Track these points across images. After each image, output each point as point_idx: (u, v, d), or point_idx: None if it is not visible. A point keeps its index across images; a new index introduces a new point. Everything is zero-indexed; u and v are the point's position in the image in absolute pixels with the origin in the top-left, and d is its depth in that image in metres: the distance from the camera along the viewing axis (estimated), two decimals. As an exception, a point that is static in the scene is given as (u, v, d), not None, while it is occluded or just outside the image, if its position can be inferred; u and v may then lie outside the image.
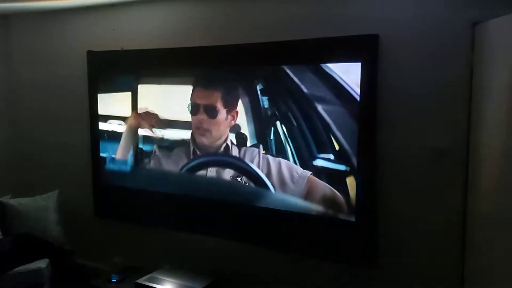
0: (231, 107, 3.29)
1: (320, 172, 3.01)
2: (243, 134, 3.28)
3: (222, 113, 3.30)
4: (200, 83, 3.41)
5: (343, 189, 2.95)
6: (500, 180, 2.26)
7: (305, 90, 3.02)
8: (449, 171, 2.71)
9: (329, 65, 2.93)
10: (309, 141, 3.03)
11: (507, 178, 2.17)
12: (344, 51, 2.90)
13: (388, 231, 2.90)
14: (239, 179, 3.32)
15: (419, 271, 2.84)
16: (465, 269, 2.69)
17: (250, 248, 3.39)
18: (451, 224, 2.72)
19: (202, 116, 3.35)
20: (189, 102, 3.41)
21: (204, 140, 3.39)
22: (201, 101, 3.37)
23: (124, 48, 3.74)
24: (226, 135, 3.32)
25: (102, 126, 3.92)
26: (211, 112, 3.32)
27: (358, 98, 2.83)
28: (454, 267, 2.73)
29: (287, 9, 3.11)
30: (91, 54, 3.93)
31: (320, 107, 2.96)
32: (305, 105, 3.03)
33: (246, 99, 3.24)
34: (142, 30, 3.70)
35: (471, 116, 2.60)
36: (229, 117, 3.30)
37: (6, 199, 3.97)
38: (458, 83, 2.63)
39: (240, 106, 3.26)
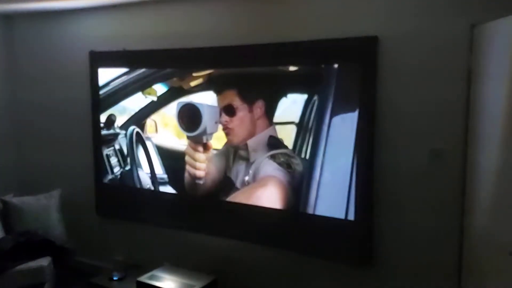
0: (251, 100, 3.26)
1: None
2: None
3: (242, 109, 3.30)
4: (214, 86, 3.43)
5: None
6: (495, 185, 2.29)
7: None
8: (448, 173, 2.72)
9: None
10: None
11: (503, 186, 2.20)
12: (343, 52, 2.93)
13: (387, 231, 2.92)
14: (246, 178, 3.34)
15: (416, 271, 2.86)
16: (462, 269, 2.70)
17: (250, 246, 3.41)
18: (449, 225, 2.74)
19: (224, 117, 3.36)
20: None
21: (232, 139, 3.38)
22: (221, 103, 3.38)
23: (126, 49, 3.76)
24: (261, 131, 3.25)
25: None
26: (229, 111, 3.33)
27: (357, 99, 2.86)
28: (451, 267, 2.74)
29: (284, 10, 3.14)
30: (93, 54, 3.96)
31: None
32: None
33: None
34: (144, 30, 3.72)
35: (469, 119, 2.60)
36: (254, 110, 3.25)
37: (9, 198, 3.98)
38: (456, 84, 2.64)
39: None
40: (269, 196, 3.24)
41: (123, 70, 3.82)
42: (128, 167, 3.88)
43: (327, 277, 3.18)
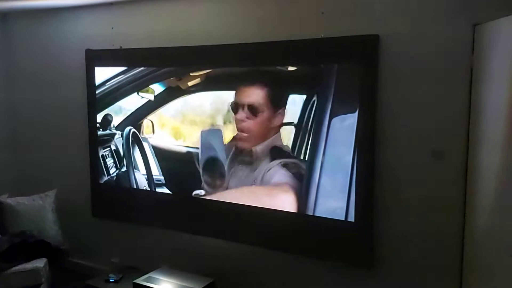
0: (275, 106, 3.14)
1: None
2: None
3: (266, 112, 3.19)
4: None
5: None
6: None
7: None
8: (449, 174, 2.70)
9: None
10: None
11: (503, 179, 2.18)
12: (343, 52, 2.89)
13: (387, 232, 2.90)
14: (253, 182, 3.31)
15: (417, 272, 2.85)
16: (463, 271, 2.69)
17: (249, 248, 3.38)
18: (451, 226, 2.72)
19: (243, 114, 3.24)
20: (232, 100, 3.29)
21: (243, 143, 3.26)
22: (241, 100, 3.26)
23: (123, 47, 3.73)
24: (271, 138, 3.18)
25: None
26: (252, 110, 3.21)
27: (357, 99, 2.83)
28: (452, 268, 2.73)
29: (285, 9, 3.11)
30: (89, 53, 3.91)
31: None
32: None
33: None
34: (140, 29, 3.69)
35: (471, 119, 2.59)
36: (275, 116, 3.14)
37: (4, 198, 3.95)
38: (457, 84, 2.62)
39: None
40: (285, 201, 3.15)
41: (120, 69, 3.79)
42: (124, 168, 3.84)
43: (327, 278, 3.16)
